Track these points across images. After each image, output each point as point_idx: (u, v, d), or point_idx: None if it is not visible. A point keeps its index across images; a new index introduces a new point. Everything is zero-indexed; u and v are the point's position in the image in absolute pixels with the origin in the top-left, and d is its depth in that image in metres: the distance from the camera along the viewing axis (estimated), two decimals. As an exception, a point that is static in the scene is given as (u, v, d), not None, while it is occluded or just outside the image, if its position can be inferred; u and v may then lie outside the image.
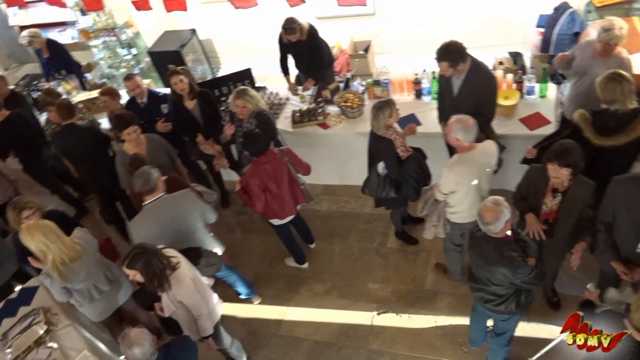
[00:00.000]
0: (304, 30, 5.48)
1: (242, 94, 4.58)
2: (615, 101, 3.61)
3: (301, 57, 5.83)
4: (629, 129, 3.56)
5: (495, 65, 5.57)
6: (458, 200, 3.92)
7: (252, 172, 4.27)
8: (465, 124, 3.63)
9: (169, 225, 3.90)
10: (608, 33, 4.08)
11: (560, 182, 3.37)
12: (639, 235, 3.29)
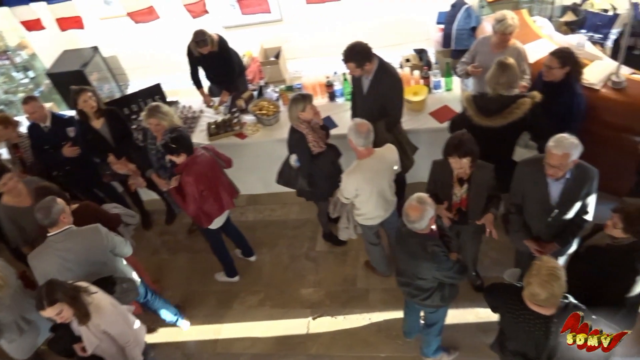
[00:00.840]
0: (215, 41, 5.40)
1: (154, 111, 4.41)
2: (509, 87, 3.85)
3: (213, 68, 5.72)
4: (506, 113, 3.82)
5: (402, 62, 5.74)
6: (363, 203, 4.02)
7: (186, 171, 4.13)
8: (357, 127, 3.73)
9: (77, 258, 3.63)
10: (502, 23, 4.34)
11: (463, 172, 3.53)
12: (546, 214, 3.51)
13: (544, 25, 5.37)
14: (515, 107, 3.79)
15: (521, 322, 2.79)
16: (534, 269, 2.65)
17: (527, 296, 2.69)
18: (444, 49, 6.08)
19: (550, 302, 2.63)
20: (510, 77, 3.84)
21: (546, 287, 2.57)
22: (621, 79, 4.36)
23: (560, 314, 2.72)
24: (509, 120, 3.82)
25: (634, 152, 4.02)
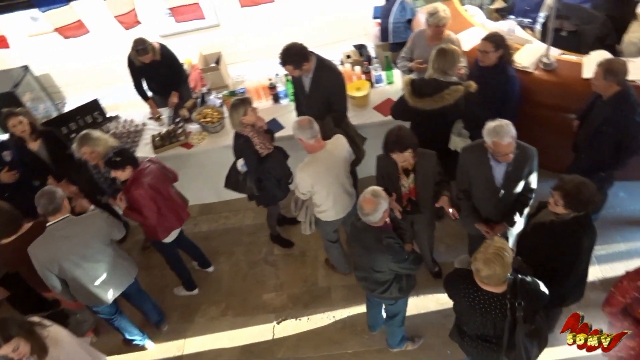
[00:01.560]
0: (156, 50, 5.28)
1: (84, 140, 4.23)
2: (443, 73, 3.97)
3: (157, 78, 5.58)
4: (438, 97, 3.94)
5: (343, 59, 5.79)
6: (323, 199, 4.02)
7: (134, 186, 4.01)
8: (299, 123, 3.77)
9: (83, 242, 3.74)
10: (434, 16, 4.45)
11: (407, 163, 3.61)
12: (493, 196, 3.62)
13: (475, 14, 5.53)
14: (447, 92, 3.91)
15: (477, 303, 2.86)
16: (482, 247, 2.74)
17: (474, 274, 2.76)
18: (382, 43, 6.15)
19: (492, 280, 2.71)
20: (445, 64, 3.95)
21: (489, 266, 2.65)
22: (551, 61, 4.54)
23: (512, 290, 2.80)
24: (439, 105, 3.93)
25: (568, 129, 4.21)
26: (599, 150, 3.83)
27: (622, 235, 4.63)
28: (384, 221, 3.27)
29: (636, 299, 2.86)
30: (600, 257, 4.46)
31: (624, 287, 2.89)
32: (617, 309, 2.97)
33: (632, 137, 3.71)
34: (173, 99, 5.59)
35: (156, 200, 4.11)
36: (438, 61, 3.97)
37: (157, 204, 4.11)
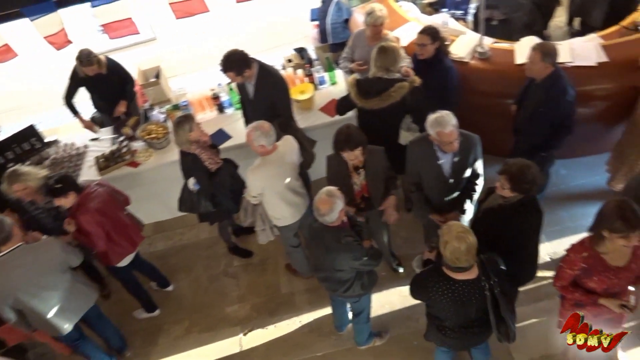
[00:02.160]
0: (102, 62, 5.13)
1: (14, 177, 4.00)
2: (386, 70, 4.02)
3: (103, 92, 5.42)
4: (385, 96, 4.01)
5: (285, 63, 5.78)
6: (275, 206, 4.01)
7: (79, 211, 3.87)
8: (262, 129, 3.72)
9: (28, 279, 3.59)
10: (371, 16, 4.52)
11: (358, 161, 3.64)
12: (443, 185, 3.71)
13: (410, 9, 5.65)
14: (392, 90, 3.97)
15: (457, 296, 2.91)
16: (444, 231, 2.80)
17: (450, 260, 2.79)
18: (322, 45, 6.19)
19: (471, 254, 2.76)
20: (387, 61, 4.01)
21: (463, 239, 2.72)
22: (485, 49, 4.70)
23: (484, 272, 2.89)
24: (386, 103, 4.00)
25: (508, 114, 4.36)
26: (537, 131, 3.98)
27: (567, 210, 4.84)
28: (340, 220, 3.29)
29: (584, 270, 2.99)
30: (549, 234, 4.64)
31: (571, 260, 3.02)
32: (567, 282, 3.10)
33: (565, 117, 3.88)
34: (120, 108, 5.43)
35: (104, 225, 3.98)
36: (380, 59, 4.02)
37: (105, 229, 3.98)
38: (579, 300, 3.14)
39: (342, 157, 3.63)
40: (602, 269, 2.94)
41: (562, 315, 3.46)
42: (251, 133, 3.74)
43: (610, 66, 4.38)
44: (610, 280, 2.97)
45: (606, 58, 4.41)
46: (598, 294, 3.06)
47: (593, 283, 3.02)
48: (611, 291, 3.05)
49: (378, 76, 4.06)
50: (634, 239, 2.73)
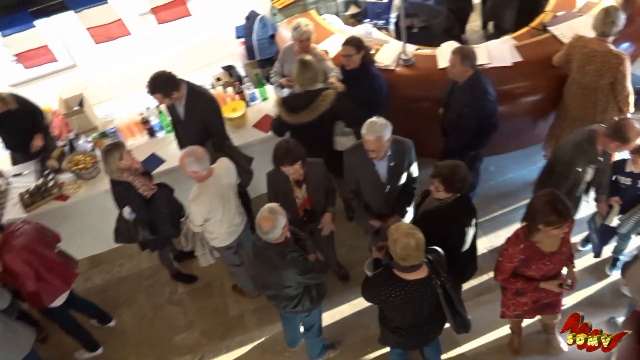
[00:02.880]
0: (7, 99, 4.84)
1: None
2: (304, 83, 4.08)
3: (13, 131, 5.11)
4: (313, 107, 4.07)
5: (214, 82, 5.72)
6: (215, 225, 3.95)
7: (4, 249, 3.65)
8: (196, 155, 3.67)
9: None
10: (298, 31, 4.57)
11: (298, 174, 3.66)
12: (381, 191, 3.79)
13: (333, 22, 5.75)
14: (320, 99, 4.03)
15: (410, 297, 2.95)
16: (393, 230, 2.85)
17: (401, 257, 2.83)
18: (250, 61, 6.19)
19: (420, 250, 2.81)
20: (313, 72, 4.06)
21: (411, 235, 2.78)
22: (409, 56, 4.86)
23: (434, 269, 2.96)
24: (317, 113, 4.05)
25: (436, 117, 4.52)
26: (464, 131, 4.15)
27: (500, 204, 5.06)
28: (284, 236, 3.28)
29: (522, 260, 3.14)
30: (484, 228, 4.84)
31: (509, 254, 3.15)
32: (507, 274, 3.24)
33: (489, 116, 4.08)
34: (37, 142, 5.13)
35: (33, 264, 3.76)
36: (302, 73, 4.07)
37: (34, 267, 3.76)
38: (520, 288, 3.28)
39: (283, 172, 3.62)
40: (539, 257, 3.10)
41: (505, 305, 3.60)
42: (184, 159, 3.67)
43: (524, 65, 4.65)
44: (546, 266, 3.14)
45: (520, 58, 4.68)
46: (538, 280, 3.21)
47: (532, 271, 3.17)
48: (548, 275, 3.23)
49: (302, 90, 4.10)
50: (565, 227, 2.91)
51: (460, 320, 3.14)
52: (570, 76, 4.36)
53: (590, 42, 4.17)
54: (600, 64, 4.09)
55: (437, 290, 2.96)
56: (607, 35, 4.08)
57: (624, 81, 4.12)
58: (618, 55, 4.06)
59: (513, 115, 4.78)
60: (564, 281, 3.25)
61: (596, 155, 3.63)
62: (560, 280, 3.25)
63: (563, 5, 5.22)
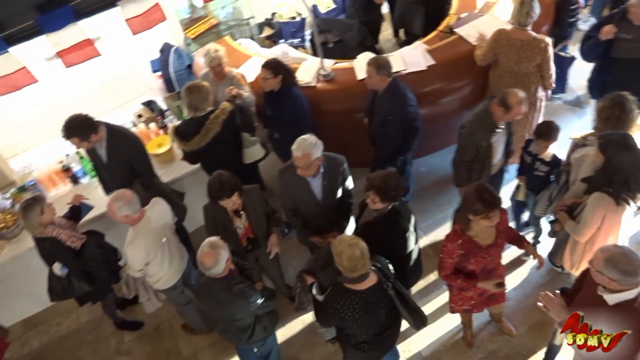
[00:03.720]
0: None
1: None
2: (195, 108, 4.14)
3: None
4: (204, 130, 4.12)
5: (135, 120, 5.56)
6: (157, 267, 3.82)
7: None
8: (124, 199, 3.55)
9: None
10: (207, 57, 4.58)
11: (237, 205, 3.61)
12: (318, 207, 3.80)
13: (249, 45, 5.76)
14: (209, 123, 4.08)
15: (365, 307, 2.97)
16: (336, 244, 2.87)
17: (348, 269, 2.85)
18: (170, 94, 6.07)
19: (365, 258, 2.84)
20: (194, 99, 4.12)
21: (355, 246, 2.81)
22: (328, 71, 4.93)
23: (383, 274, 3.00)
24: (210, 136, 4.11)
25: (362, 127, 4.61)
26: (390, 138, 4.25)
27: (435, 203, 5.22)
28: (228, 269, 3.21)
29: (461, 255, 3.23)
30: (424, 228, 4.97)
31: (448, 250, 3.25)
32: (450, 270, 3.33)
33: (412, 120, 4.21)
34: None
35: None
36: (188, 99, 4.13)
37: None
38: (461, 286, 3.38)
39: (220, 205, 3.55)
40: (477, 250, 3.20)
41: (453, 301, 3.70)
42: (112, 204, 3.53)
43: (438, 67, 4.83)
44: (485, 259, 3.24)
45: (433, 61, 4.86)
46: (477, 277, 3.32)
47: (472, 265, 3.28)
48: (488, 268, 3.34)
49: (192, 115, 4.15)
50: (494, 218, 3.02)
51: (417, 315, 3.19)
52: (498, 68, 4.58)
53: (512, 33, 4.44)
54: (530, 50, 4.37)
55: (389, 292, 3.00)
56: (525, 25, 4.37)
57: (549, 62, 4.45)
58: (543, 40, 4.38)
59: (435, 115, 4.94)
60: (499, 281, 3.37)
61: (495, 125, 3.85)
62: (497, 279, 3.37)
63: (465, 7, 5.49)
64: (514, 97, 3.73)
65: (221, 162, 3.87)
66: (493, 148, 3.96)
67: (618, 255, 2.50)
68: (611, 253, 2.52)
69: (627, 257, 2.48)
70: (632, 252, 2.54)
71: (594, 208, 3.27)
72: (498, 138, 3.96)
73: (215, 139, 4.13)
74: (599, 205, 3.24)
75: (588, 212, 3.30)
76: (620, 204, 3.19)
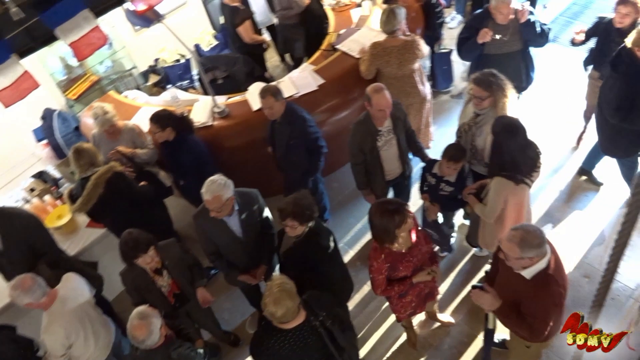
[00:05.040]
0: None
1: None
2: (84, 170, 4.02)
3: None
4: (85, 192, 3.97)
5: (28, 195, 5.17)
6: (82, 349, 3.54)
7: None
8: (22, 286, 3.27)
9: None
10: (99, 121, 4.42)
11: (155, 262, 3.46)
12: (240, 245, 3.72)
13: (137, 96, 5.59)
14: (93, 184, 3.93)
15: (293, 345, 2.86)
16: (266, 291, 2.77)
17: (273, 320, 2.77)
18: (61, 160, 5.73)
19: (290, 314, 2.75)
20: (88, 158, 4.00)
21: (280, 304, 2.70)
22: (222, 108, 4.88)
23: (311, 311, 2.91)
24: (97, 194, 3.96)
25: (268, 156, 4.59)
26: (297, 161, 4.29)
27: (352, 215, 5.28)
28: (164, 336, 3.04)
29: (390, 267, 3.26)
30: (349, 243, 5.02)
31: (376, 267, 3.26)
32: (384, 285, 3.33)
33: (314, 140, 4.26)
34: None
35: None
36: (77, 161, 4.01)
37: None
38: (400, 291, 3.41)
39: (138, 266, 3.37)
40: (401, 257, 3.26)
41: (396, 310, 3.71)
42: (12, 294, 3.26)
43: (328, 85, 4.96)
44: (412, 262, 3.30)
45: (322, 80, 4.98)
46: (410, 277, 3.36)
47: (402, 272, 3.32)
48: (418, 266, 3.37)
49: (81, 177, 4.02)
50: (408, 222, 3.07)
51: (346, 356, 3.09)
52: (384, 77, 4.74)
53: (386, 42, 4.66)
54: (407, 53, 4.60)
55: (319, 330, 2.90)
56: (393, 32, 4.61)
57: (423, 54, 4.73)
58: (413, 40, 4.64)
59: (336, 131, 5.01)
60: (430, 269, 3.39)
61: (375, 127, 3.96)
62: (427, 269, 3.40)
63: (341, 24, 5.72)
64: (371, 87, 3.88)
65: (125, 221, 3.68)
66: (381, 153, 4.06)
67: (525, 235, 2.65)
68: (520, 237, 2.65)
69: (533, 234, 2.66)
70: (533, 227, 2.73)
71: (495, 191, 3.51)
72: (385, 143, 4.06)
73: (104, 200, 3.96)
74: (499, 188, 3.49)
75: (491, 196, 3.54)
76: (519, 184, 3.42)
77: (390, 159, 4.17)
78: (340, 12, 6.01)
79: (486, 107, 3.80)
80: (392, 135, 4.06)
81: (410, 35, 4.73)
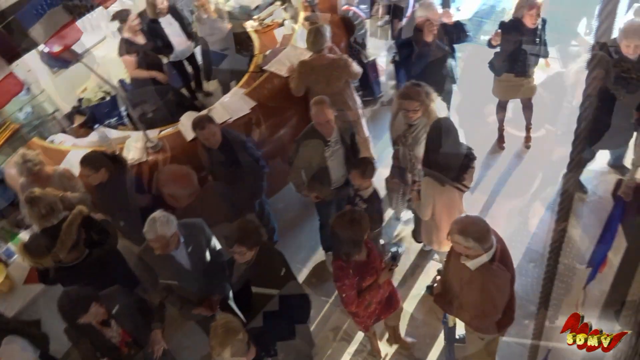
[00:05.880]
0: None
1: None
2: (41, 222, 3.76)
3: None
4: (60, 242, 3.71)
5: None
6: None
7: None
8: None
9: None
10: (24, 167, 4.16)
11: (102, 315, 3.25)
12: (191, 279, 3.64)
13: (63, 139, 5.35)
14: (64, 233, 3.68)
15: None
16: (211, 333, 2.72)
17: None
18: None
19: (240, 353, 2.71)
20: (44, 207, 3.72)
21: (226, 345, 2.67)
22: (155, 142, 4.75)
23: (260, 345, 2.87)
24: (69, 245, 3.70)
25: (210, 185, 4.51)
26: (240, 186, 4.25)
27: (302, 232, 5.26)
28: None
29: (357, 281, 3.28)
30: (302, 261, 5.00)
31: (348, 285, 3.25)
32: (356, 299, 3.33)
33: (255, 162, 4.25)
34: None
35: None
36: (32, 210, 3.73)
37: None
38: (371, 298, 3.41)
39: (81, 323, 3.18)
40: (366, 265, 3.30)
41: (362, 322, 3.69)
42: None
43: (260, 107, 4.94)
44: (373, 269, 3.35)
45: (254, 102, 4.95)
46: (376, 280, 3.39)
47: (369, 281, 3.35)
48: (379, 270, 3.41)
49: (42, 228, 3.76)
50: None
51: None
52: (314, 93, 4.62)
53: (313, 60, 4.69)
54: (334, 70, 4.65)
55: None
56: (320, 50, 4.66)
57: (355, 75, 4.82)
58: (341, 57, 4.73)
59: (276, 151, 4.99)
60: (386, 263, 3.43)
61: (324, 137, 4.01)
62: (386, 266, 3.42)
63: (266, 46, 5.74)
64: (313, 100, 3.99)
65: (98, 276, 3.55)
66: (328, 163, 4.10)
67: (469, 224, 2.79)
68: (463, 224, 2.81)
69: (477, 225, 2.77)
70: (480, 220, 2.84)
71: (424, 191, 3.67)
72: (332, 153, 4.10)
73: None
74: (427, 188, 3.63)
75: (422, 194, 3.68)
76: (445, 185, 3.53)
77: (337, 168, 4.21)
78: (264, 33, 6.03)
79: (420, 117, 3.91)
80: (339, 145, 4.12)
81: (339, 55, 4.79)
